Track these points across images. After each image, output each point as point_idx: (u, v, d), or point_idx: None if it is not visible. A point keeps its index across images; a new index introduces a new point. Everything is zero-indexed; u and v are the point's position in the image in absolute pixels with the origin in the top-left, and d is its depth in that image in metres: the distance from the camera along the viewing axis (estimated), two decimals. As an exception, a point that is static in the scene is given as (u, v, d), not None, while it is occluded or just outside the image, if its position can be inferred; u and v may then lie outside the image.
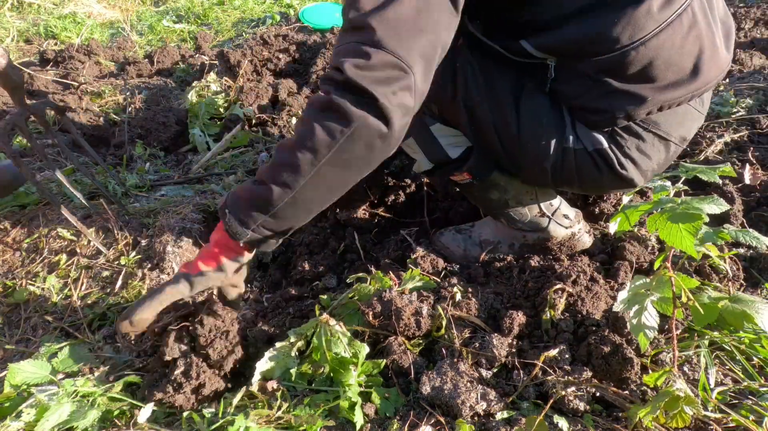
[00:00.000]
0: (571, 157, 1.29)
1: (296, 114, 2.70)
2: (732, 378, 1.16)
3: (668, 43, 1.13)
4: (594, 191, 1.52)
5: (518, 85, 1.28)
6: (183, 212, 1.82)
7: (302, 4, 4.10)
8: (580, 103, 1.26)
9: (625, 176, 1.30)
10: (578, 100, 1.25)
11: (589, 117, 1.26)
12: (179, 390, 1.15)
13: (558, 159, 1.29)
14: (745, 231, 0.96)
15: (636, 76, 1.18)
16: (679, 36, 1.14)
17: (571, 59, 1.20)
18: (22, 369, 1.20)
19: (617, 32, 1.11)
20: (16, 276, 1.67)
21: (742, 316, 0.99)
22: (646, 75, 1.17)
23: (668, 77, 1.18)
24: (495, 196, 1.48)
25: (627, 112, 1.22)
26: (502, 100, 1.28)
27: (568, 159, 1.29)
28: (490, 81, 1.29)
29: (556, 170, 1.31)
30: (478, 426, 1.06)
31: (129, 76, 3.17)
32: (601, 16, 1.12)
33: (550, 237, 1.54)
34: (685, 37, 1.14)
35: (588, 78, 1.20)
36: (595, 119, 1.25)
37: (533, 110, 1.27)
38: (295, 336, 1.20)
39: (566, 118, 1.28)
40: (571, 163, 1.30)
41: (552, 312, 1.27)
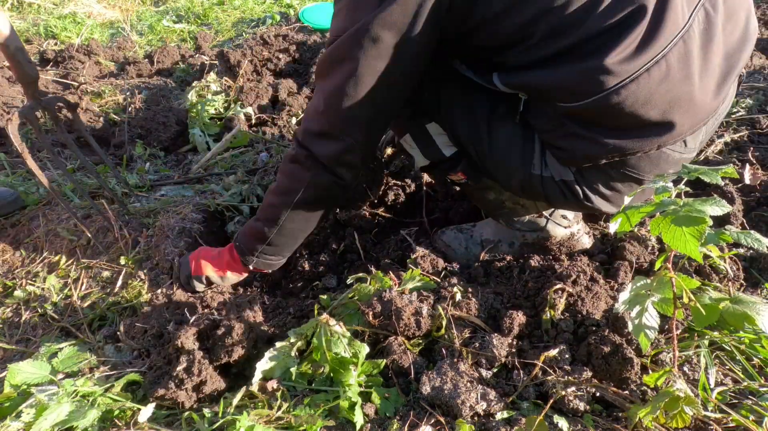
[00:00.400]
0: (537, 181, 1.32)
1: (296, 114, 2.70)
2: (732, 378, 1.16)
3: (632, 98, 1.09)
4: (566, 209, 1.53)
5: (493, 108, 1.32)
6: (183, 212, 1.82)
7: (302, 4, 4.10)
8: (546, 138, 1.28)
9: (592, 207, 1.33)
10: (544, 135, 1.28)
11: (555, 152, 1.28)
12: (181, 387, 1.15)
13: (525, 180, 1.33)
14: (746, 233, 0.96)
15: (597, 125, 1.17)
16: (644, 90, 1.09)
17: (539, 99, 1.22)
18: (22, 369, 1.20)
19: (577, 86, 1.11)
20: (16, 276, 1.67)
21: (743, 317, 0.99)
22: (607, 124, 1.16)
23: (631, 128, 1.15)
24: (491, 196, 1.49)
25: (588, 156, 1.22)
26: (477, 120, 1.33)
27: (534, 182, 1.33)
28: (469, 100, 1.34)
29: (524, 189, 1.36)
30: (478, 426, 1.06)
31: (129, 76, 3.17)
32: (564, 67, 1.11)
33: (549, 236, 1.54)
34: (652, 91, 1.09)
35: (553, 118, 1.21)
36: (560, 155, 1.27)
37: (504, 134, 1.32)
38: (295, 336, 1.20)
39: (536, 145, 1.31)
40: (537, 186, 1.33)
41: (552, 312, 1.27)
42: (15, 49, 1.40)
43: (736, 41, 1.17)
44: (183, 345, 1.23)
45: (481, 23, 1.12)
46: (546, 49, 1.11)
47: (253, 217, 1.48)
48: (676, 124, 1.15)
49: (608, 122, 1.16)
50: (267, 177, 2.12)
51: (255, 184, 2.05)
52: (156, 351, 1.31)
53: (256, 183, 2.06)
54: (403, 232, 1.69)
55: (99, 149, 1.84)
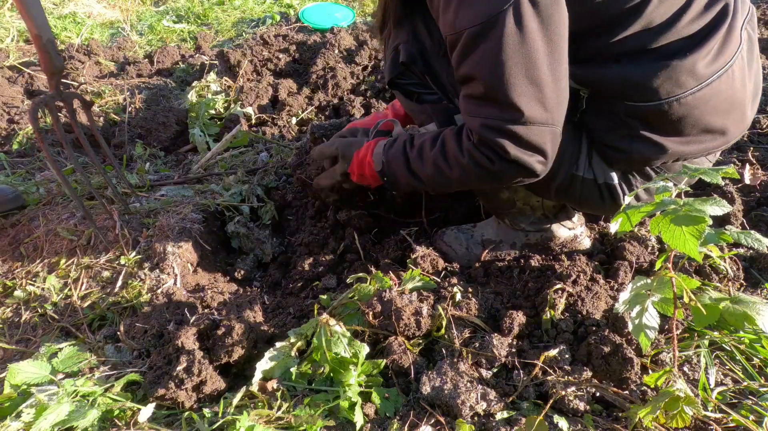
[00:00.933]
0: (578, 183, 1.31)
1: (296, 114, 2.70)
2: (732, 378, 1.16)
3: (703, 103, 1.12)
4: (590, 212, 1.54)
5: None
6: (183, 212, 1.82)
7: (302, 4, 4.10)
8: (602, 138, 1.26)
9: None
10: (602, 135, 1.26)
11: (608, 153, 1.27)
12: (181, 387, 1.15)
13: (564, 182, 1.31)
14: (746, 233, 0.96)
15: (664, 128, 1.17)
16: (715, 97, 1.13)
17: (605, 96, 1.19)
18: (22, 369, 1.20)
19: (656, 84, 1.10)
20: (16, 276, 1.67)
21: (743, 317, 0.99)
22: (674, 128, 1.17)
23: (694, 134, 1.18)
24: (505, 195, 1.49)
25: (645, 159, 1.22)
26: None
27: (574, 184, 1.31)
28: None
29: (560, 191, 1.34)
30: (478, 426, 1.06)
31: (129, 76, 3.17)
32: (644, 64, 1.10)
33: (552, 237, 1.54)
34: (721, 98, 1.13)
35: (617, 117, 1.20)
36: (614, 157, 1.26)
37: None
38: (295, 336, 1.20)
39: (583, 146, 1.29)
40: (576, 188, 1.32)
41: (552, 312, 1.27)
42: (47, 40, 1.46)
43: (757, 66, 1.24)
44: (183, 345, 1.23)
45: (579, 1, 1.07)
46: (632, 43, 1.10)
47: (408, 146, 1.35)
48: (729, 133, 1.20)
49: (673, 125, 1.16)
50: (267, 177, 2.12)
51: (255, 184, 2.05)
52: (156, 351, 1.31)
53: (256, 183, 2.06)
54: (403, 232, 1.69)
55: (107, 148, 1.85)
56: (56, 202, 1.92)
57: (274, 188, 2.09)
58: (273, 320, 1.41)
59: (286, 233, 1.94)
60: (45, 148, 1.60)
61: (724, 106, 1.16)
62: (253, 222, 1.94)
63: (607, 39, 1.11)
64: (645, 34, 1.09)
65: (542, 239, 1.55)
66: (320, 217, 1.89)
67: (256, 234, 1.86)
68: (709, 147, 1.22)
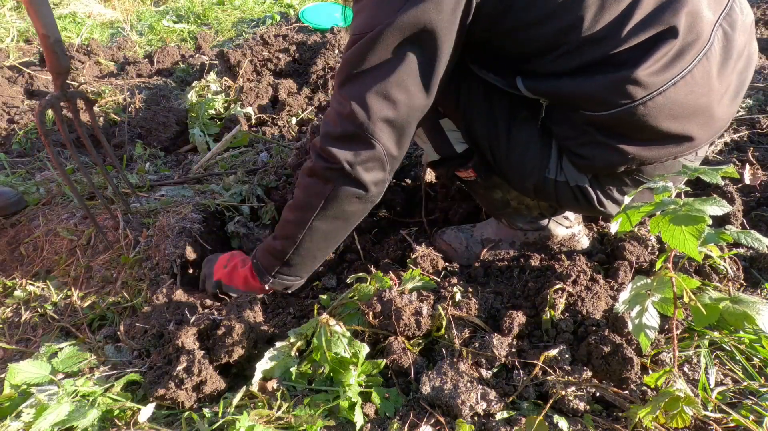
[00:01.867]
0: (550, 185, 1.33)
1: (296, 114, 2.70)
2: (732, 378, 1.16)
3: (656, 111, 1.12)
4: (574, 212, 1.55)
5: (513, 111, 1.31)
6: (183, 212, 1.82)
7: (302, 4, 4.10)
8: (566, 144, 1.28)
9: (604, 211, 1.35)
10: (565, 141, 1.28)
11: (573, 158, 1.29)
12: (181, 386, 1.15)
13: (539, 183, 1.33)
14: (746, 233, 0.96)
15: (621, 134, 1.18)
16: (670, 104, 1.11)
17: (563, 106, 1.22)
18: (22, 369, 1.20)
19: (605, 96, 1.11)
20: (16, 276, 1.67)
21: (743, 317, 0.99)
22: (631, 135, 1.17)
23: (654, 139, 1.18)
24: (498, 195, 1.49)
25: (608, 164, 1.23)
26: (497, 121, 1.32)
27: (547, 186, 1.33)
28: (489, 101, 1.32)
29: (537, 191, 1.36)
30: (478, 426, 1.06)
31: (129, 76, 3.17)
32: (595, 77, 1.11)
33: (550, 235, 1.55)
34: (677, 104, 1.12)
35: (576, 125, 1.22)
36: (579, 162, 1.28)
37: (522, 137, 1.31)
38: (295, 336, 1.20)
39: (553, 150, 1.31)
40: (550, 189, 1.34)
41: (552, 312, 1.27)
42: (55, 40, 1.46)
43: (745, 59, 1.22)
44: (183, 345, 1.23)
45: (512, 29, 1.11)
46: (577, 58, 1.11)
47: (272, 234, 1.42)
48: (695, 137, 1.19)
49: (631, 132, 1.17)
50: (267, 177, 2.12)
51: (255, 184, 2.05)
52: (156, 351, 1.31)
53: (256, 183, 2.06)
54: (402, 232, 1.69)
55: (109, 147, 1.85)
56: (56, 202, 1.92)
57: (274, 188, 2.09)
58: (273, 320, 1.41)
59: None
60: (51, 152, 1.61)
61: (683, 112, 1.14)
62: (253, 222, 1.94)
63: (552, 58, 1.13)
64: (588, 48, 1.09)
65: (541, 238, 1.56)
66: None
67: (256, 234, 1.86)
68: (674, 151, 1.20)
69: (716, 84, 1.15)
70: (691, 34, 1.09)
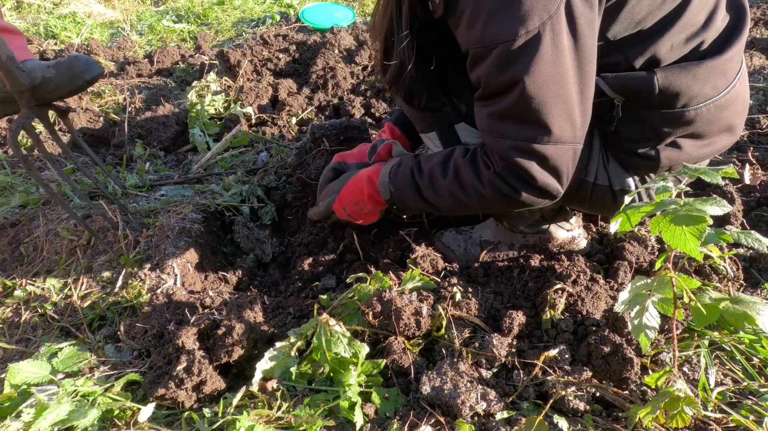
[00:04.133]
0: (587, 188, 1.30)
1: (296, 113, 2.70)
2: (732, 378, 1.16)
3: (730, 103, 1.13)
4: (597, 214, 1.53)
5: None
6: (183, 212, 1.82)
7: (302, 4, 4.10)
8: (630, 146, 1.25)
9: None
10: (630, 143, 1.24)
11: (634, 160, 1.25)
12: (181, 386, 1.15)
13: (573, 186, 1.29)
14: (746, 233, 0.96)
15: (691, 132, 1.17)
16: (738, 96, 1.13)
17: (639, 104, 1.17)
18: (22, 369, 1.20)
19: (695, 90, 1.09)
20: (16, 276, 1.67)
21: (743, 317, 0.99)
22: (699, 132, 1.17)
23: (714, 135, 1.18)
24: None
25: (671, 164, 1.22)
26: None
27: (584, 189, 1.31)
28: None
29: (567, 196, 1.31)
30: (478, 426, 1.06)
31: (129, 76, 3.17)
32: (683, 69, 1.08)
33: (550, 238, 1.54)
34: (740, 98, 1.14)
35: (649, 125, 1.19)
36: (640, 163, 1.25)
37: None
38: (295, 336, 1.20)
39: (594, 153, 1.27)
40: (586, 193, 1.31)
41: (552, 312, 1.27)
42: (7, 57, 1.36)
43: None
44: (183, 345, 1.23)
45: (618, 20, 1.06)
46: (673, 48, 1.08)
47: (417, 174, 1.33)
48: (738, 130, 1.21)
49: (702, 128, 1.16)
50: (267, 177, 2.12)
51: (255, 184, 2.05)
52: (156, 351, 1.31)
53: (256, 183, 2.06)
54: (402, 232, 1.69)
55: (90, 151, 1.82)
56: (56, 202, 1.92)
57: (274, 188, 2.09)
58: (273, 320, 1.41)
59: (286, 233, 1.94)
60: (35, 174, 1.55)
61: (741, 105, 1.17)
62: (253, 222, 1.94)
63: (646, 46, 1.09)
64: (683, 38, 1.08)
65: (540, 241, 1.55)
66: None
67: (256, 235, 1.86)
68: (720, 147, 1.22)
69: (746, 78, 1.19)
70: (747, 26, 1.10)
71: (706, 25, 1.08)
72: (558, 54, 1.00)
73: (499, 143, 1.12)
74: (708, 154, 1.24)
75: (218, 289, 1.59)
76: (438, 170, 1.28)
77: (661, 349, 1.20)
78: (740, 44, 1.10)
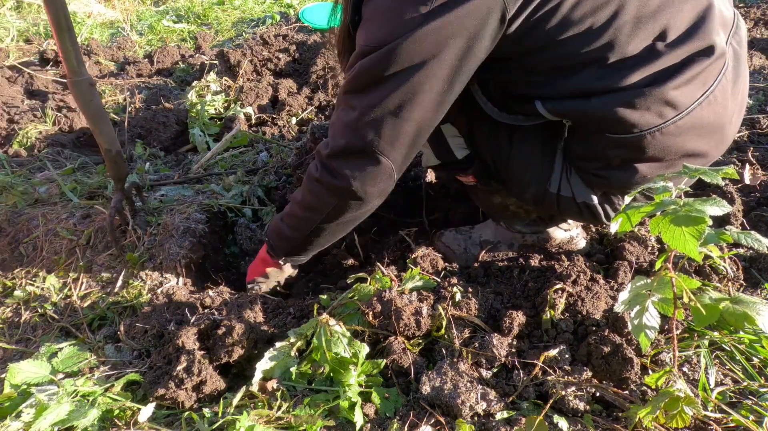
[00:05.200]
0: (552, 198, 1.32)
1: (296, 113, 2.70)
2: (732, 378, 1.16)
3: (685, 131, 1.11)
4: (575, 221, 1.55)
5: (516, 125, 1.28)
6: (187, 212, 1.82)
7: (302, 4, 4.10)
8: (582, 165, 1.26)
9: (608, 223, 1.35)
10: (582, 162, 1.26)
11: (588, 177, 1.27)
12: (181, 386, 1.15)
13: (538, 195, 1.32)
14: (746, 233, 0.96)
15: (643, 156, 1.17)
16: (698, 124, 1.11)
17: (586, 128, 1.18)
18: (22, 369, 1.20)
19: (636, 117, 1.08)
20: (16, 276, 1.67)
21: (743, 317, 0.99)
22: (654, 156, 1.16)
23: (674, 159, 1.18)
24: (497, 200, 1.50)
25: (624, 184, 1.22)
26: (500, 129, 1.30)
27: (548, 199, 1.32)
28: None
29: (536, 202, 1.35)
30: (478, 426, 1.06)
31: (129, 76, 3.17)
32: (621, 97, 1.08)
33: (549, 238, 1.55)
34: (703, 124, 1.12)
35: (597, 147, 1.19)
36: (594, 181, 1.26)
37: (526, 147, 1.29)
38: (295, 336, 1.20)
39: (557, 166, 1.29)
40: (551, 202, 1.33)
41: (552, 312, 1.27)
42: (116, 152, 1.60)
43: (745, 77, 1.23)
44: (183, 345, 1.23)
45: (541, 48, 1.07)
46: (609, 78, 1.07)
47: (280, 215, 1.44)
48: (708, 155, 1.20)
49: (655, 152, 1.15)
50: (267, 177, 2.12)
51: (255, 184, 2.05)
52: (156, 351, 1.31)
53: (256, 183, 2.06)
54: (402, 233, 1.69)
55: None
56: (55, 202, 1.92)
57: (274, 188, 2.09)
58: (273, 320, 1.40)
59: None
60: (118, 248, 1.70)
61: (705, 131, 1.14)
62: (254, 223, 1.94)
63: (580, 77, 1.09)
64: (620, 69, 1.07)
65: (539, 240, 1.56)
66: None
67: (259, 236, 1.86)
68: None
69: (730, 103, 1.15)
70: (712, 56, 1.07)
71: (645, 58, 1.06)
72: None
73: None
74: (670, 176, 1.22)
75: (219, 289, 1.60)
76: (295, 196, 1.38)
77: (661, 349, 1.20)
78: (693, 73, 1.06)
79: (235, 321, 1.27)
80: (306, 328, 1.19)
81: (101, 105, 1.54)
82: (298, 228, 1.38)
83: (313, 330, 1.18)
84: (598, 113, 1.11)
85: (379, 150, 1.14)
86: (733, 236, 0.95)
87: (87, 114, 1.52)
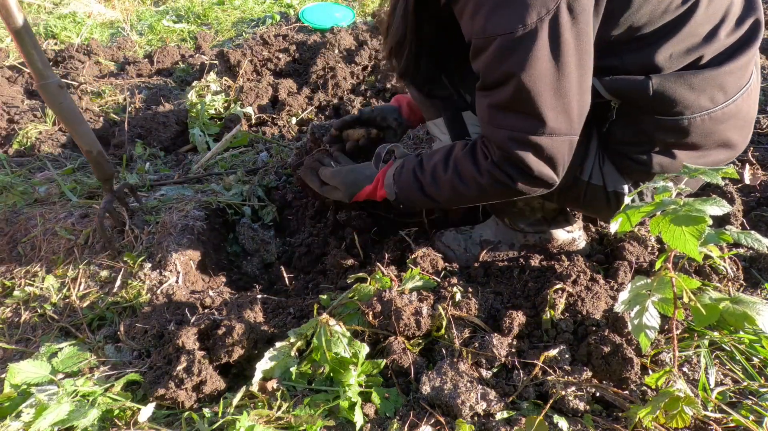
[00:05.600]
0: (581, 186, 1.30)
1: (296, 113, 2.70)
2: (732, 378, 1.16)
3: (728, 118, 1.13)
4: (592, 215, 1.54)
5: None
6: (185, 209, 1.82)
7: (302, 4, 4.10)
8: (624, 149, 1.25)
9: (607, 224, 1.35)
10: (624, 146, 1.25)
11: (626, 163, 1.26)
12: (181, 386, 1.15)
13: (567, 183, 1.30)
14: (746, 233, 0.96)
15: (685, 142, 1.17)
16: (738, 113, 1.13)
17: (635, 109, 1.17)
18: (22, 369, 1.20)
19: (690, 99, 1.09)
20: (15, 276, 1.67)
21: (743, 317, 0.99)
22: (694, 143, 1.17)
23: (710, 148, 1.19)
24: None
25: (663, 171, 1.22)
26: None
27: (578, 188, 1.31)
28: None
29: (562, 193, 1.32)
30: (478, 426, 1.06)
31: (129, 76, 3.17)
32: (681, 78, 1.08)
33: (551, 239, 1.54)
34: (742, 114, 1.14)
35: (643, 130, 1.19)
36: (632, 167, 1.26)
37: None
38: (295, 336, 1.20)
39: (591, 152, 1.28)
40: (580, 192, 1.32)
41: (552, 312, 1.27)
42: (97, 152, 1.58)
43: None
44: (183, 345, 1.23)
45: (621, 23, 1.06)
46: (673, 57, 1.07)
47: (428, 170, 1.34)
48: (738, 147, 1.21)
49: (695, 140, 1.16)
50: (267, 177, 2.12)
51: (255, 184, 2.05)
52: (156, 351, 1.31)
53: (256, 183, 2.06)
54: (402, 233, 1.69)
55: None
56: (54, 202, 1.92)
57: (274, 188, 2.09)
58: (273, 320, 1.40)
59: (286, 233, 1.94)
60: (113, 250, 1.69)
61: (741, 123, 1.16)
62: (255, 222, 1.94)
63: (644, 53, 1.09)
64: (683, 49, 1.08)
65: (540, 241, 1.56)
66: (320, 217, 1.89)
67: (261, 236, 1.86)
68: (715, 161, 1.22)
69: (756, 99, 1.18)
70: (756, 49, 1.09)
71: (708, 39, 1.08)
72: (555, 48, 1.01)
73: (497, 134, 1.14)
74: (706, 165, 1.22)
75: (219, 289, 1.59)
76: (439, 166, 1.30)
77: (661, 349, 1.20)
78: (743, 60, 1.09)
79: (235, 321, 1.27)
80: (306, 328, 1.19)
81: (74, 107, 1.50)
82: (436, 196, 1.33)
83: (313, 330, 1.18)
84: (654, 92, 1.10)
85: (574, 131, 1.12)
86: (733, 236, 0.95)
87: (60, 116, 1.48)
